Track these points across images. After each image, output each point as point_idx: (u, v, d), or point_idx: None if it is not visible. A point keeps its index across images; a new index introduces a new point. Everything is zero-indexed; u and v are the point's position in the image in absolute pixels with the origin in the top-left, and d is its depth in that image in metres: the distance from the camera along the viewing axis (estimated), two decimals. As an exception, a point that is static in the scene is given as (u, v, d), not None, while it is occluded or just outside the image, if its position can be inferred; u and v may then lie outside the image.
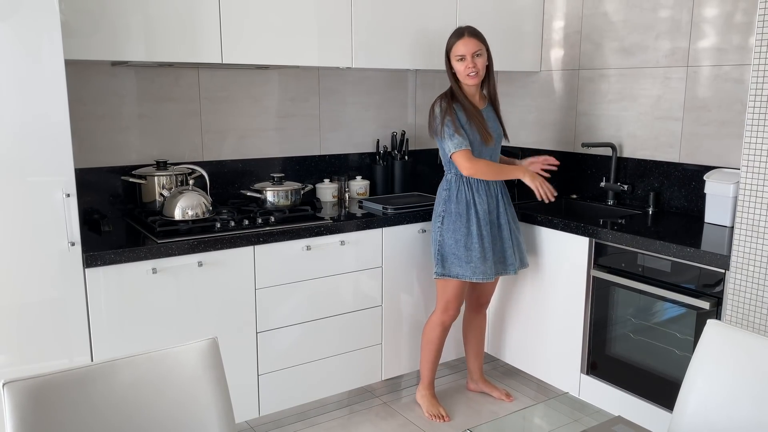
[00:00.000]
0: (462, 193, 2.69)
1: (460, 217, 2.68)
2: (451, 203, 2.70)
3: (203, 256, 2.43)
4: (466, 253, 2.69)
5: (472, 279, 2.70)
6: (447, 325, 2.85)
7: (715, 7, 2.73)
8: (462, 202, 2.68)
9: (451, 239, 2.70)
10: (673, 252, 2.39)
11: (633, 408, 2.60)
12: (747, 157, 2.19)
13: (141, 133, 2.83)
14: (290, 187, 2.86)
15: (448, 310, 2.81)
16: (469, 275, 2.69)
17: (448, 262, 2.72)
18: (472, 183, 2.70)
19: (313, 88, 3.25)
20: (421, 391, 2.95)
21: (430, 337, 2.86)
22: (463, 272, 2.70)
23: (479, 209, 2.69)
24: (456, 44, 2.65)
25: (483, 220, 2.70)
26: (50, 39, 2.03)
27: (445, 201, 2.72)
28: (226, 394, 1.41)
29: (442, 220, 2.71)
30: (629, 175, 3.12)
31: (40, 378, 1.22)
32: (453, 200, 2.70)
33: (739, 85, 2.68)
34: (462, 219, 2.68)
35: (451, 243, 2.70)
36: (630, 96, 3.10)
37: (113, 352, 2.29)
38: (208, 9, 2.50)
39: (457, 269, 2.70)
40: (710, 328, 1.56)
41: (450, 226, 2.69)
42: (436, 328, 2.85)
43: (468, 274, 2.69)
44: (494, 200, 2.74)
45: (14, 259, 2.07)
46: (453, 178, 2.72)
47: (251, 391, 2.64)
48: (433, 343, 2.86)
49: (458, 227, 2.68)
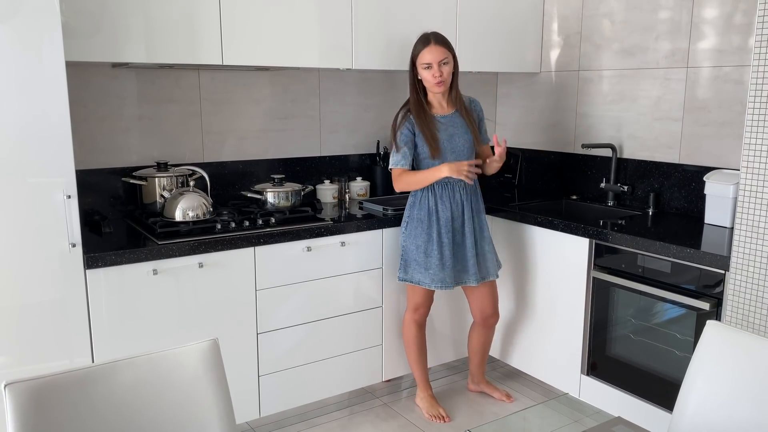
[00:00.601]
0: (425, 200, 2.69)
1: (421, 224, 2.69)
2: (414, 209, 2.71)
3: (204, 257, 2.44)
4: (425, 260, 2.69)
5: (431, 286, 2.70)
6: (420, 323, 2.87)
7: (715, 8, 2.73)
8: (424, 209, 2.69)
9: (412, 245, 2.72)
10: (673, 253, 2.39)
11: (633, 409, 2.60)
12: (747, 157, 2.19)
13: (141, 134, 2.83)
14: (290, 188, 2.87)
15: (417, 309, 2.84)
16: (428, 282, 2.70)
17: (410, 268, 2.75)
18: (436, 190, 2.69)
19: (314, 90, 3.25)
20: (419, 393, 2.96)
21: (408, 336, 2.89)
22: (422, 278, 2.72)
23: (441, 216, 2.68)
24: (422, 52, 2.60)
25: (444, 227, 2.68)
26: (51, 40, 2.03)
27: (410, 207, 2.74)
28: (227, 395, 1.41)
29: (406, 226, 2.74)
30: (629, 176, 3.13)
31: (41, 379, 1.22)
32: (416, 206, 2.71)
33: (738, 86, 2.69)
34: (423, 225, 2.69)
35: (413, 249, 2.72)
36: (630, 97, 3.10)
37: (114, 353, 2.29)
38: (209, 11, 2.50)
39: (418, 275, 2.72)
40: (710, 328, 1.56)
41: (412, 232, 2.71)
42: (411, 326, 2.87)
43: (427, 281, 2.71)
44: (459, 208, 2.71)
45: (15, 260, 2.07)
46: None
47: (252, 392, 2.64)
48: (412, 341, 2.88)
49: (419, 233, 2.69)
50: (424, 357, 2.93)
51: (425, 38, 2.63)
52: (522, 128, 3.67)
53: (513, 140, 3.71)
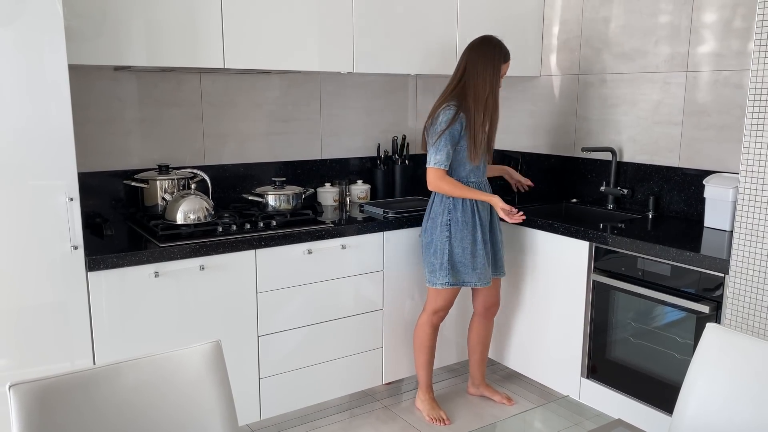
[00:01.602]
0: (468, 202, 2.72)
1: (466, 226, 2.71)
2: (457, 212, 2.71)
3: (205, 259, 2.44)
4: (472, 261, 2.73)
5: (478, 285, 2.76)
6: (436, 325, 2.88)
7: (714, 13, 2.75)
8: (468, 211, 2.71)
9: (458, 248, 2.72)
10: (672, 256, 2.40)
11: (633, 411, 2.60)
12: (746, 161, 2.20)
13: (143, 137, 2.84)
14: (291, 191, 2.87)
15: (438, 312, 2.84)
16: (475, 281, 2.75)
17: (456, 271, 2.74)
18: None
19: (315, 93, 3.26)
20: (420, 396, 2.96)
21: (422, 338, 2.88)
22: (470, 279, 2.75)
23: (482, 216, 2.75)
24: (508, 63, 2.73)
25: (485, 227, 2.76)
26: (53, 43, 2.04)
27: (450, 210, 2.72)
28: (230, 398, 1.42)
29: (449, 228, 2.71)
30: (629, 180, 3.13)
31: (45, 380, 1.23)
32: (458, 210, 2.71)
33: (738, 90, 2.70)
34: (468, 227, 2.71)
35: (459, 251, 2.72)
36: (630, 101, 3.11)
37: (115, 355, 2.30)
38: (211, 14, 2.51)
39: (465, 277, 2.75)
40: (709, 331, 1.56)
41: (457, 234, 2.71)
42: (426, 328, 2.87)
43: (474, 281, 2.75)
44: (487, 207, 2.79)
45: (17, 263, 2.08)
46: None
47: (253, 395, 2.65)
48: (425, 343, 2.88)
49: (465, 235, 2.71)
50: (432, 360, 2.94)
51: (507, 50, 2.71)
52: (522, 132, 3.68)
53: (513, 144, 3.71)
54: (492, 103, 2.66)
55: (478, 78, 2.64)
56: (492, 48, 2.67)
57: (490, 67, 2.65)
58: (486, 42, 2.69)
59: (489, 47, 2.67)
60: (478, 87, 2.64)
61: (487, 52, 2.66)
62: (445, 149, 2.63)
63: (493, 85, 2.66)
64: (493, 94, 2.66)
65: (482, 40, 2.70)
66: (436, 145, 2.64)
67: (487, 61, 2.65)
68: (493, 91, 2.66)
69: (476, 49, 2.68)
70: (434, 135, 2.65)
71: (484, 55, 2.66)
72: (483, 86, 2.64)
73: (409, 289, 3.02)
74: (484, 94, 2.64)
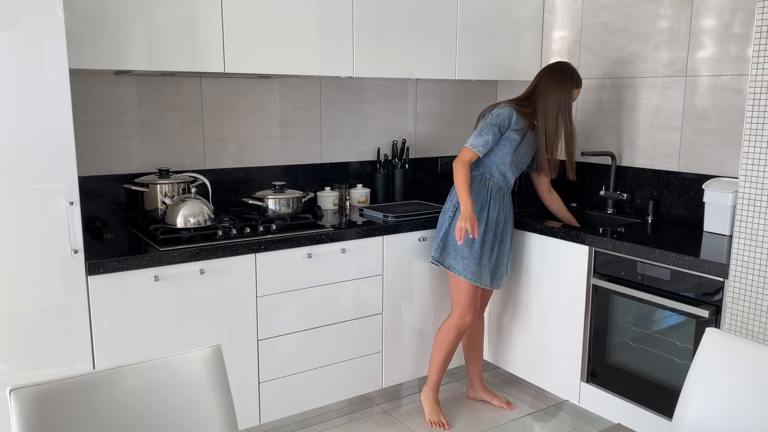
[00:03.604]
0: (481, 194, 2.79)
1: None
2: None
3: (205, 263, 2.44)
4: (465, 250, 2.75)
5: (461, 275, 2.76)
6: (462, 330, 2.87)
7: (713, 18, 2.76)
8: (478, 203, 2.77)
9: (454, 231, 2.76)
10: (672, 260, 2.40)
11: (633, 416, 2.60)
12: (745, 166, 2.20)
13: (143, 141, 2.85)
14: (291, 195, 2.88)
15: (464, 316, 2.83)
16: (460, 270, 2.76)
17: (446, 252, 2.80)
18: (492, 188, 2.79)
19: (314, 97, 3.27)
20: (425, 392, 2.96)
21: (444, 339, 2.88)
22: (455, 265, 2.77)
23: (491, 214, 2.78)
24: (578, 90, 2.84)
25: (489, 226, 2.77)
26: (54, 48, 2.05)
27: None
28: (230, 402, 1.42)
29: (455, 211, 2.78)
30: (628, 184, 3.14)
31: (46, 384, 1.23)
32: (472, 198, 2.76)
33: (737, 94, 2.71)
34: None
35: (452, 236, 2.77)
36: (629, 105, 3.12)
37: (115, 359, 2.30)
38: (211, 18, 2.52)
39: (452, 261, 2.78)
40: (709, 336, 1.57)
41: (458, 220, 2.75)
42: (452, 331, 2.86)
43: (459, 269, 2.76)
44: (504, 213, 2.82)
45: (17, 266, 2.08)
46: (477, 177, 2.81)
47: (252, 399, 2.65)
48: (446, 345, 2.88)
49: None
50: (448, 362, 2.94)
51: (580, 77, 2.84)
52: (522, 136, 3.68)
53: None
54: (563, 122, 2.79)
55: (548, 98, 2.77)
56: (565, 73, 2.80)
57: (561, 89, 2.77)
58: (561, 67, 2.82)
59: (563, 72, 2.80)
60: (548, 105, 2.77)
61: (561, 77, 2.79)
62: (484, 137, 2.72)
63: (562, 106, 2.77)
64: (562, 113, 2.78)
65: (558, 64, 2.84)
66: (480, 130, 2.75)
67: (558, 84, 2.77)
68: (562, 111, 2.78)
69: (550, 72, 2.82)
70: (483, 122, 2.78)
71: (557, 78, 2.79)
72: (552, 105, 2.77)
73: (409, 294, 3.02)
74: (553, 113, 2.77)
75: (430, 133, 3.67)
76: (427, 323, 3.10)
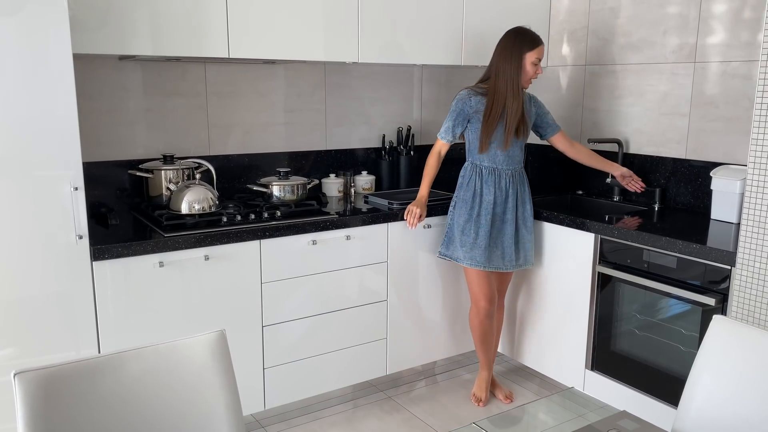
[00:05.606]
0: (472, 181, 2.80)
1: (466, 204, 2.79)
2: (461, 190, 2.83)
3: (209, 249, 2.44)
4: (461, 237, 2.79)
5: (463, 262, 2.80)
6: (481, 316, 2.90)
7: (723, 3, 2.72)
8: (470, 191, 2.79)
9: (456, 223, 2.83)
10: (678, 248, 2.39)
11: (638, 404, 2.60)
12: (754, 153, 2.18)
13: (148, 127, 2.84)
14: (296, 181, 2.87)
15: (478, 302, 2.88)
16: (462, 258, 2.80)
17: (452, 245, 2.86)
18: (483, 173, 2.79)
19: (320, 83, 3.25)
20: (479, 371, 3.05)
21: (472, 325, 2.97)
22: (458, 255, 2.82)
23: (484, 199, 2.77)
24: (537, 48, 2.71)
25: (485, 209, 2.77)
26: (58, 33, 2.03)
27: (459, 187, 2.85)
28: (234, 387, 1.42)
29: (455, 204, 2.84)
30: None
31: (50, 369, 1.23)
32: (464, 187, 2.82)
33: (746, 81, 2.68)
34: (467, 206, 2.79)
35: (455, 226, 2.83)
36: (637, 92, 3.09)
37: (120, 344, 2.31)
38: (215, 4, 2.50)
39: (456, 252, 2.83)
40: (716, 323, 1.56)
41: (458, 211, 2.82)
42: (473, 319, 2.94)
43: (460, 257, 2.81)
44: (503, 194, 2.79)
45: (23, 253, 2.08)
46: (468, 167, 2.84)
47: (257, 385, 2.66)
48: (474, 330, 2.96)
49: (462, 213, 2.80)
50: (487, 344, 2.96)
51: (535, 35, 2.72)
52: (528, 123, 3.65)
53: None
54: (513, 87, 2.68)
55: (499, 73, 2.70)
56: (513, 38, 2.71)
57: (510, 57, 2.69)
58: (508, 33, 2.74)
59: (509, 38, 2.72)
60: (499, 78, 2.70)
61: (508, 43, 2.71)
62: (446, 123, 2.78)
63: (513, 75, 2.67)
64: (512, 84, 2.68)
65: (506, 33, 2.75)
66: (446, 119, 2.80)
67: (507, 51, 2.70)
68: (513, 81, 2.67)
69: (501, 41, 2.75)
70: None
71: (505, 46, 2.72)
72: (504, 77, 2.69)
73: (413, 281, 3.01)
74: (505, 85, 2.69)
75: (436, 119, 3.65)
76: (432, 310, 3.10)
